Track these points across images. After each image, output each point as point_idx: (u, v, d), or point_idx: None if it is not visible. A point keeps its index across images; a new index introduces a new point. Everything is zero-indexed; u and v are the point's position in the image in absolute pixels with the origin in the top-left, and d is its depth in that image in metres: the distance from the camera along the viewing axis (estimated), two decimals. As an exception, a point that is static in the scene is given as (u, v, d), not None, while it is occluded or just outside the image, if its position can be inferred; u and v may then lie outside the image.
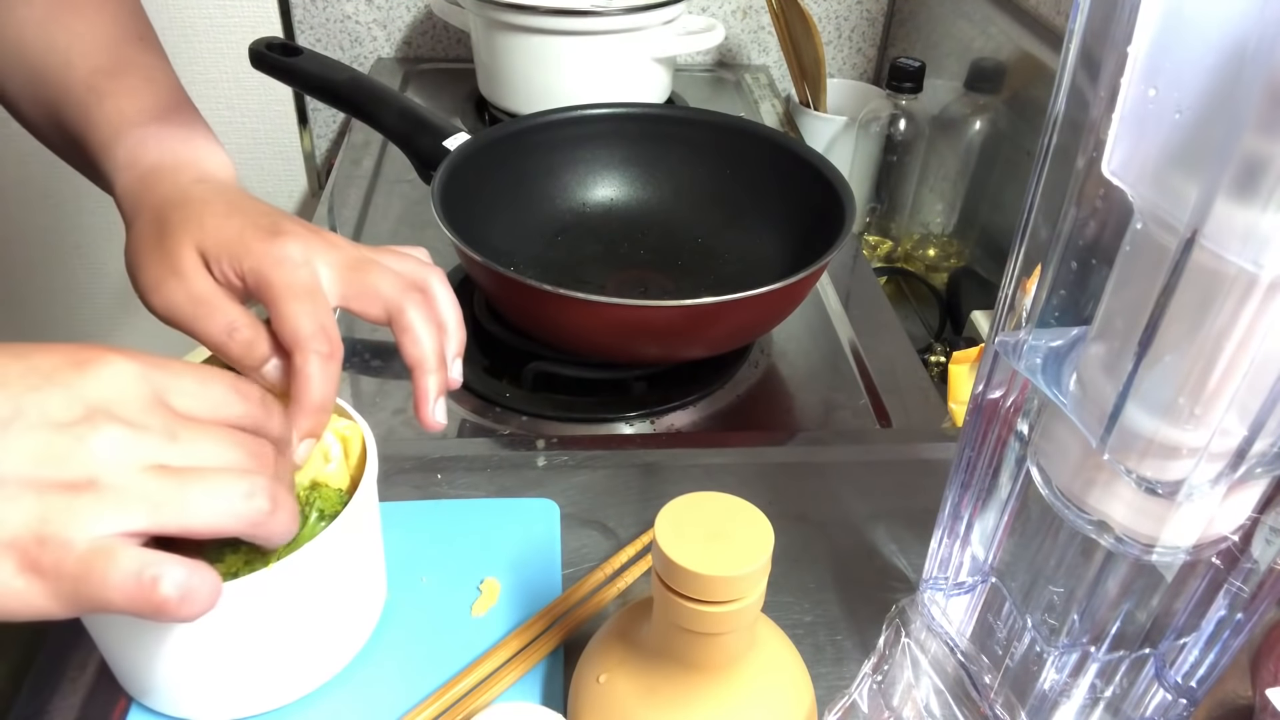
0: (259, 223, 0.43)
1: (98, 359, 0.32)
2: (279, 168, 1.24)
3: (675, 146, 0.80)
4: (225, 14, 1.14)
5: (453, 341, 0.46)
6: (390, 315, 0.44)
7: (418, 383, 0.44)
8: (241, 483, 0.33)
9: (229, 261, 0.41)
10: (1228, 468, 0.31)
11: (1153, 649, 0.38)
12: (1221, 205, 0.26)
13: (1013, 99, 0.95)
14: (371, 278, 0.44)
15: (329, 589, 0.42)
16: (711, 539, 0.32)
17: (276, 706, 0.43)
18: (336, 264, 0.43)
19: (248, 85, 1.18)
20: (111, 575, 0.29)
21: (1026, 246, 0.36)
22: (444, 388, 0.45)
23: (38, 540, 0.29)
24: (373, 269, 0.44)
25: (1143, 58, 0.29)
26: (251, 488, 0.33)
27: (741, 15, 1.25)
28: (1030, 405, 0.38)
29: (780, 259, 0.74)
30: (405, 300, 0.43)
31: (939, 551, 0.47)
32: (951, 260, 1.06)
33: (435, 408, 0.44)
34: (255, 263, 0.41)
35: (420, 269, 0.46)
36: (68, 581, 0.29)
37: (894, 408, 0.67)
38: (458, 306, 0.47)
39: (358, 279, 0.43)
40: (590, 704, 0.37)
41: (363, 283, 0.43)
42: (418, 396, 0.44)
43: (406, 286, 0.44)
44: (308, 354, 0.40)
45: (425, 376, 0.44)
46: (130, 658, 0.41)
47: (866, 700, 0.45)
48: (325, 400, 0.40)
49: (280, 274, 0.41)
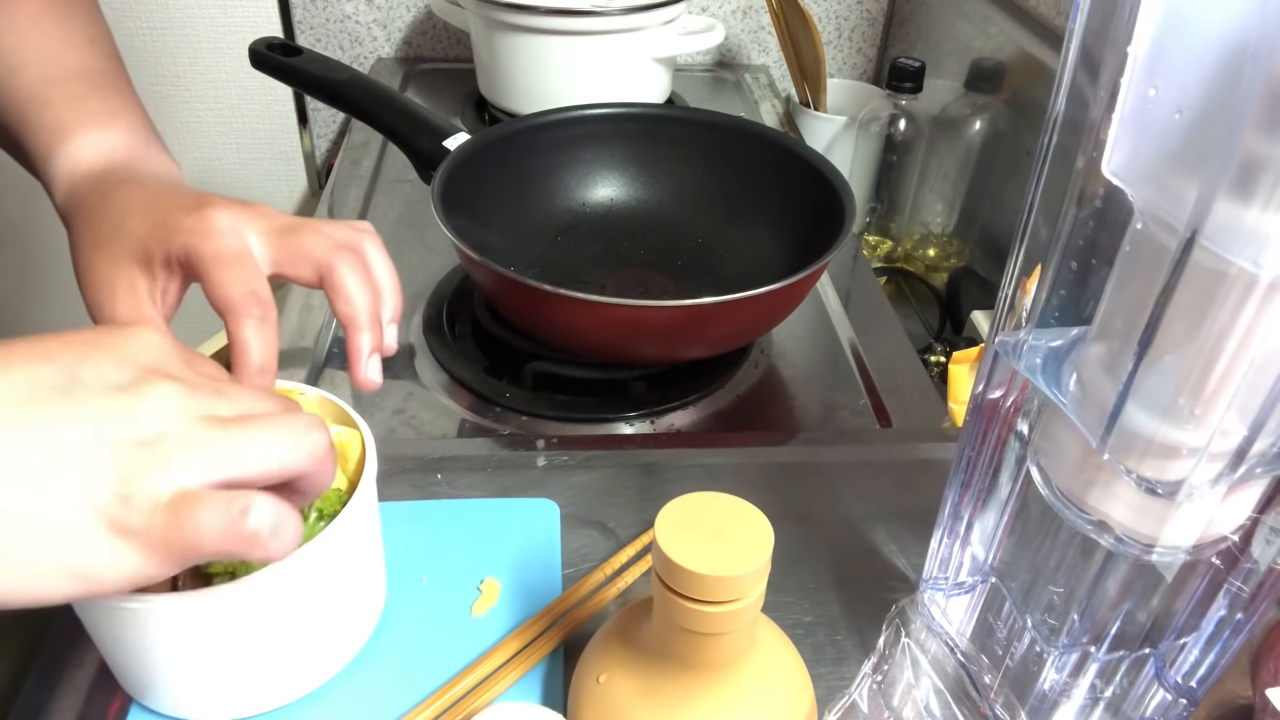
0: (182, 203, 0.43)
1: (130, 329, 0.33)
2: (279, 168, 1.24)
3: (675, 146, 0.80)
4: (225, 14, 1.14)
5: (388, 305, 0.45)
6: (321, 276, 0.43)
7: (350, 341, 0.44)
8: (294, 420, 0.33)
9: (159, 249, 0.41)
10: (1228, 468, 0.31)
11: (1153, 649, 0.38)
12: (1221, 205, 0.26)
13: (1013, 99, 0.95)
14: (302, 240, 0.43)
15: (329, 589, 0.42)
16: (711, 539, 0.32)
17: (276, 707, 0.43)
18: (265, 231, 0.43)
19: (248, 85, 1.18)
20: (202, 518, 0.29)
21: (1026, 246, 0.36)
22: (378, 346, 0.45)
23: (122, 500, 0.29)
24: (303, 231, 0.43)
25: (1143, 58, 0.29)
26: (305, 424, 0.33)
27: (741, 15, 1.25)
28: (1030, 405, 0.38)
29: (780, 259, 0.74)
30: (336, 260, 0.43)
31: (939, 551, 0.47)
32: (951, 260, 1.06)
33: (369, 365, 0.44)
34: (184, 238, 0.41)
35: (354, 233, 0.46)
36: (159, 535, 0.29)
37: (894, 408, 0.67)
38: (393, 271, 0.46)
39: (287, 243, 0.43)
40: (590, 704, 0.37)
41: (292, 246, 0.43)
42: (350, 354, 0.44)
43: (336, 247, 0.44)
44: (241, 319, 0.40)
45: (358, 334, 0.44)
46: (130, 658, 0.41)
47: (866, 700, 0.45)
48: (266, 363, 0.40)
49: (208, 244, 0.41)
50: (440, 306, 0.74)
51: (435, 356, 0.69)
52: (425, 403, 0.65)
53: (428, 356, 0.70)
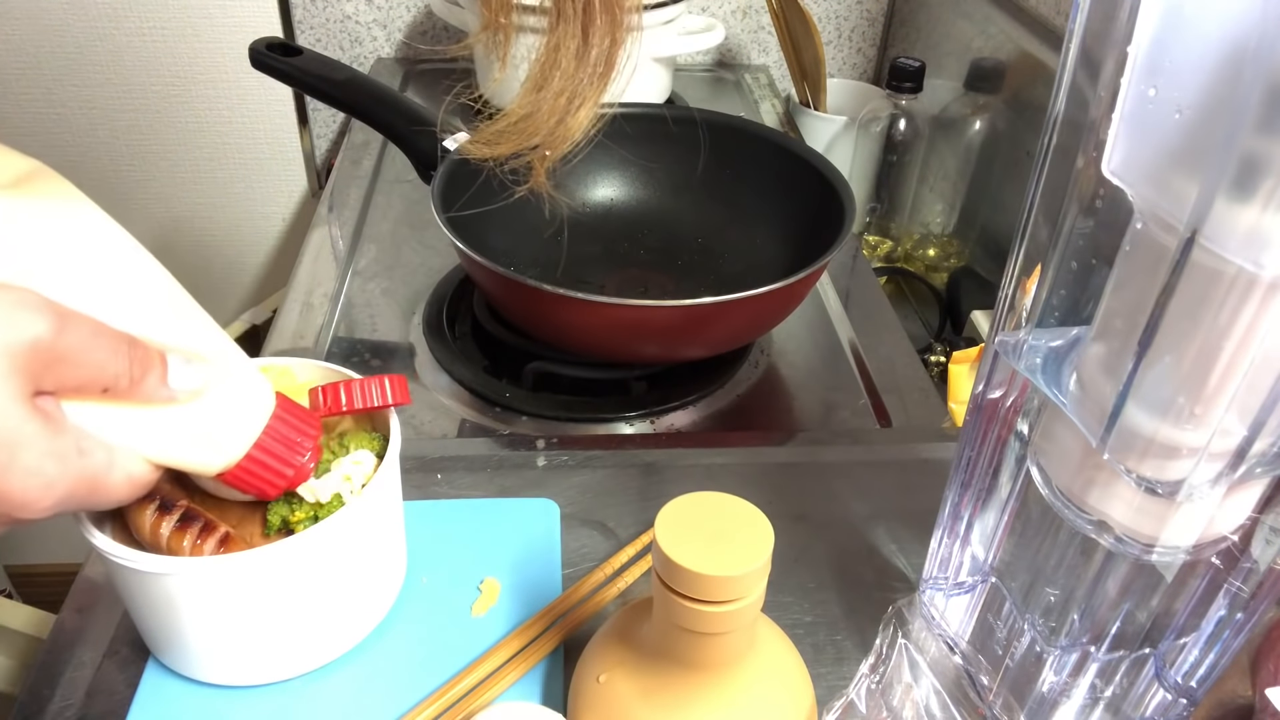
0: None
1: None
2: (279, 168, 1.24)
3: (675, 146, 0.80)
4: (225, 14, 1.14)
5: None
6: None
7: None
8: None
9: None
10: (1228, 468, 0.31)
11: (1153, 649, 0.38)
12: (1221, 205, 0.26)
13: (1013, 99, 0.95)
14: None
15: (355, 556, 0.43)
16: (711, 539, 0.32)
17: (285, 678, 0.44)
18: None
19: (248, 85, 1.18)
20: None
21: (1026, 246, 0.36)
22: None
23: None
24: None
25: (1143, 58, 0.29)
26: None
27: (741, 15, 1.25)
28: (1030, 405, 0.38)
29: (780, 259, 0.74)
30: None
31: (939, 551, 0.47)
32: (951, 260, 1.06)
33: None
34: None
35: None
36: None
37: (894, 408, 0.67)
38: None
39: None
40: (590, 704, 0.37)
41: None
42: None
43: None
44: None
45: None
46: (153, 617, 0.42)
47: (864, 700, 0.45)
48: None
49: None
50: (440, 306, 0.74)
51: (435, 356, 0.69)
52: (425, 403, 0.65)
53: (428, 356, 0.70)
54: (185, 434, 0.36)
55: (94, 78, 1.15)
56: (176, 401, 0.35)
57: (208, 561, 0.38)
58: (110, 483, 0.34)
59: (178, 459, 0.36)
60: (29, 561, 1.36)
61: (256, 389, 0.38)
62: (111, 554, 0.38)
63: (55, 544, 1.36)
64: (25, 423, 0.30)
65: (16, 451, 0.30)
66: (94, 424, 0.33)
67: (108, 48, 1.13)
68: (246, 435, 0.38)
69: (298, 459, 0.39)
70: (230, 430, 0.37)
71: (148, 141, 1.19)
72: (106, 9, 1.11)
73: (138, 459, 0.35)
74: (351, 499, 0.42)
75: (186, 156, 1.21)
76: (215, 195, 1.24)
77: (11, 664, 0.87)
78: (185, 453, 0.36)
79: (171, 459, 0.36)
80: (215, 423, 0.37)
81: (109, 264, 0.34)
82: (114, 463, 0.34)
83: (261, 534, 0.41)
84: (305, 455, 0.40)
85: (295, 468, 0.39)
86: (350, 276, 0.79)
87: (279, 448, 0.38)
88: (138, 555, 0.38)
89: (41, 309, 0.30)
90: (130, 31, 1.13)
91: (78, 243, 0.33)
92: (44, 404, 0.31)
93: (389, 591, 0.48)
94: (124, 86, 1.16)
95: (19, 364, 0.29)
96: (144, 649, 0.45)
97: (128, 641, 0.47)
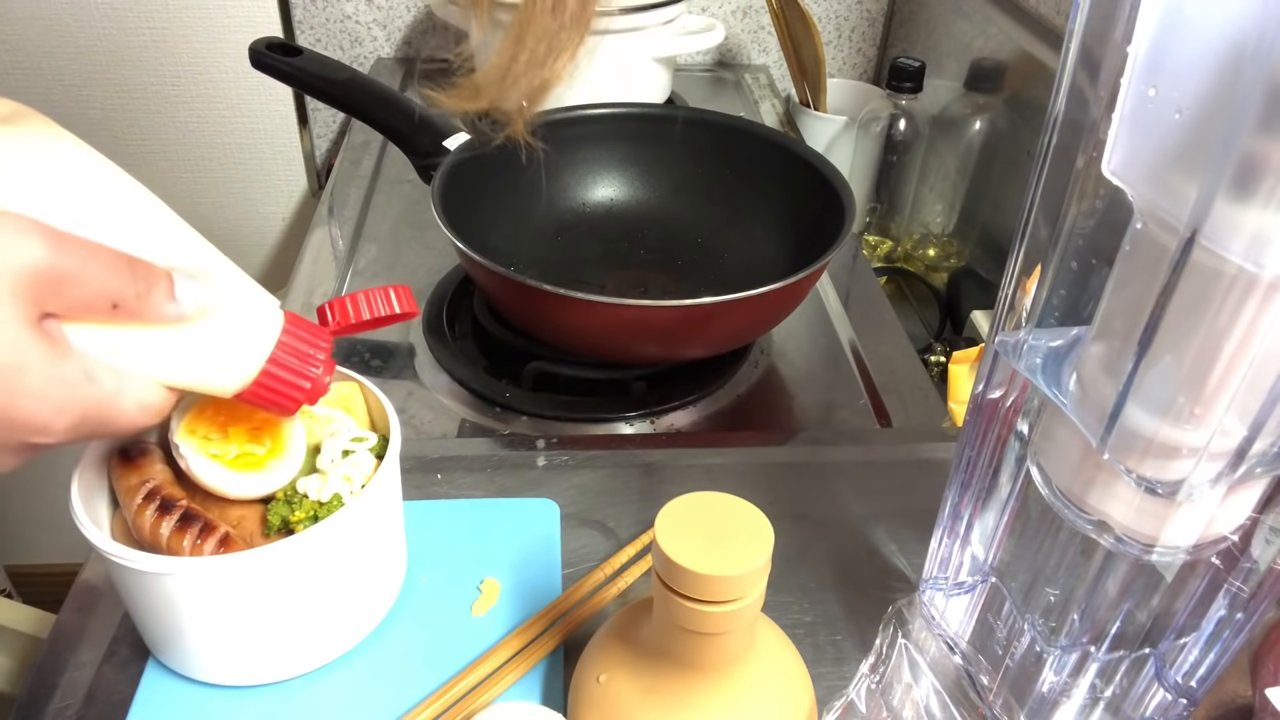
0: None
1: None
2: (279, 168, 1.24)
3: (675, 146, 0.80)
4: (225, 14, 1.14)
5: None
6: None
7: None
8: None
9: None
10: (1228, 468, 0.31)
11: (1153, 649, 0.38)
12: (1221, 205, 0.26)
13: (1013, 99, 0.95)
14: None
15: (355, 555, 0.43)
16: (711, 539, 0.32)
17: (283, 678, 0.44)
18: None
19: (248, 85, 1.18)
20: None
21: (1026, 246, 0.36)
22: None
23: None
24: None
25: (1143, 58, 0.29)
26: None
27: (741, 15, 1.25)
28: (1030, 405, 0.38)
29: (780, 259, 0.74)
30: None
31: (939, 551, 0.47)
32: (951, 260, 1.06)
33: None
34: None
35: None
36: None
37: (894, 408, 0.67)
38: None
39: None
40: (590, 704, 0.37)
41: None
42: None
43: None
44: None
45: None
46: (154, 617, 0.42)
47: (864, 700, 0.45)
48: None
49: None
50: (440, 306, 0.74)
51: (435, 356, 0.69)
52: (425, 403, 0.65)
53: (428, 356, 0.70)
54: (198, 354, 0.35)
55: (94, 78, 1.14)
56: (186, 319, 0.35)
57: (208, 561, 0.38)
58: (121, 409, 0.34)
59: (193, 380, 0.36)
60: (29, 561, 1.36)
61: (264, 305, 0.38)
62: (111, 554, 0.38)
63: (55, 544, 1.36)
64: (29, 346, 0.30)
65: (22, 374, 0.30)
66: (106, 350, 0.33)
67: (108, 48, 1.13)
68: (259, 352, 0.37)
69: (312, 370, 0.39)
70: (242, 347, 0.37)
71: (148, 141, 1.19)
72: (106, 9, 1.11)
73: (151, 385, 0.35)
74: (351, 499, 0.42)
75: (186, 156, 1.21)
76: (215, 195, 1.24)
77: (11, 664, 0.87)
78: (200, 374, 0.36)
79: (186, 381, 0.36)
80: (227, 341, 0.36)
81: (99, 191, 0.34)
82: (124, 389, 0.34)
83: (261, 534, 0.41)
84: (319, 368, 0.39)
85: (311, 379, 0.39)
86: (350, 276, 0.79)
87: (293, 360, 0.38)
88: (138, 555, 0.38)
89: (36, 231, 0.30)
90: (130, 31, 1.13)
91: (65, 171, 0.33)
92: (49, 327, 0.31)
93: (389, 591, 0.48)
94: (124, 86, 1.16)
95: (19, 287, 0.30)
96: (144, 649, 0.45)
97: (128, 642, 0.47)
